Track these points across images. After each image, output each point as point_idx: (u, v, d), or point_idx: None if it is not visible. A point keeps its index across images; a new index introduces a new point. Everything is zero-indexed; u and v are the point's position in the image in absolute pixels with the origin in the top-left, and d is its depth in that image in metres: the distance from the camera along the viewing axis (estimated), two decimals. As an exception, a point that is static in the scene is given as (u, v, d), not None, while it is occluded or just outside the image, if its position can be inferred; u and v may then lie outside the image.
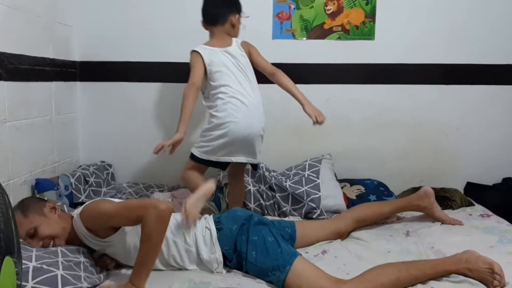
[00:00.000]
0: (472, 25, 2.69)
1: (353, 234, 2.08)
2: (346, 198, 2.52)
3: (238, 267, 1.76)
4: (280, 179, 2.52)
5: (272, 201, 2.44)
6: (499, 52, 2.71)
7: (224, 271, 1.74)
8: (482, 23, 2.69)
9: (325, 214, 2.39)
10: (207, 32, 2.71)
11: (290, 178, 2.55)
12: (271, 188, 2.47)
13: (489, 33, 2.69)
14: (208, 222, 1.82)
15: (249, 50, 2.29)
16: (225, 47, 2.22)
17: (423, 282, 1.62)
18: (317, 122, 2.14)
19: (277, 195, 2.44)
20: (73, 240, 1.72)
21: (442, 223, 2.19)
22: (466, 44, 2.70)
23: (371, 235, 2.04)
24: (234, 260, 1.74)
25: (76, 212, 1.73)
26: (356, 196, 2.55)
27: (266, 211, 2.44)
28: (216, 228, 1.79)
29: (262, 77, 2.73)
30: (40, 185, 2.19)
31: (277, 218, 2.33)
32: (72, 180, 2.36)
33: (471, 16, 2.68)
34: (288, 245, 1.76)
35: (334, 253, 1.89)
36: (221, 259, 1.73)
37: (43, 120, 2.35)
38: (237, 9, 2.29)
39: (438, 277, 1.63)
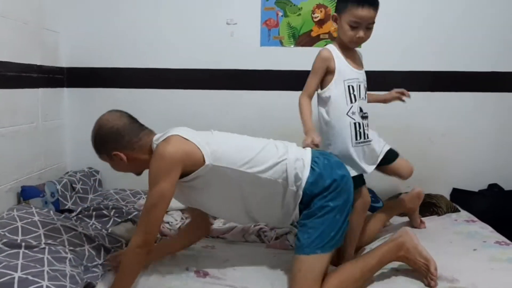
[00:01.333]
0: (458, 33, 2.72)
1: None
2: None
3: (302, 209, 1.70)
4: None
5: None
6: (484, 60, 2.74)
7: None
8: (468, 31, 2.72)
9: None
10: (192, 38, 2.73)
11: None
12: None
13: (474, 41, 2.73)
14: (304, 158, 1.70)
15: None
16: None
17: None
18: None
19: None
20: None
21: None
22: (452, 52, 2.74)
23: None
24: (305, 202, 1.68)
25: (156, 141, 1.67)
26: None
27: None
28: (311, 167, 1.69)
29: (250, 84, 2.78)
30: (26, 193, 2.18)
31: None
32: (59, 187, 2.35)
33: (457, 25, 2.72)
34: (343, 231, 1.70)
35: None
36: (300, 197, 1.67)
37: (29, 127, 2.34)
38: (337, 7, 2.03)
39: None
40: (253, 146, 1.71)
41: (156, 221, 1.57)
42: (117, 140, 1.67)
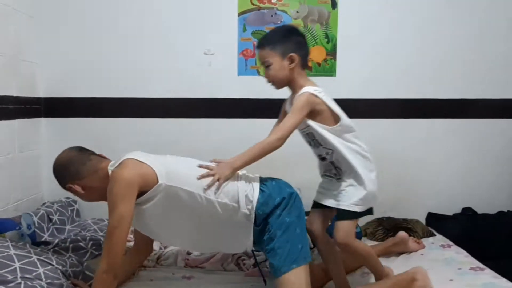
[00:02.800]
0: (426, 62, 2.82)
1: None
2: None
3: (259, 234, 1.75)
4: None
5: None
6: (453, 88, 2.84)
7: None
8: (435, 60, 2.82)
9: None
10: (170, 68, 2.77)
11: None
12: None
13: (443, 70, 2.83)
14: (253, 182, 1.79)
15: None
16: None
17: None
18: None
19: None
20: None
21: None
22: (421, 80, 2.83)
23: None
24: (261, 225, 1.74)
25: (111, 167, 1.72)
26: (321, 228, 2.59)
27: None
28: (260, 189, 1.76)
29: (227, 113, 2.81)
30: (2, 226, 2.13)
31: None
32: (35, 219, 2.32)
33: (426, 54, 2.82)
34: (307, 244, 1.76)
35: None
36: (253, 219, 1.72)
37: (5, 158, 2.32)
38: None
39: None
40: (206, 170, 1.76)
41: (118, 244, 1.60)
42: (67, 173, 1.78)
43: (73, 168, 1.77)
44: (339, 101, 2.79)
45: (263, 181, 1.83)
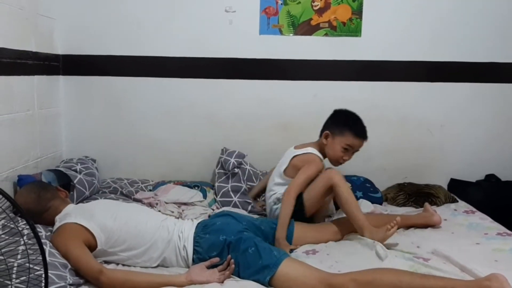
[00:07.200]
0: (456, 23, 2.72)
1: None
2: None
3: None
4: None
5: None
6: (482, 50, 2.74)
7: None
8: (466, 21, 2.72)
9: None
10: (189, 26, 2.68)
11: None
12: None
13: (472, 31, 2.72)
14: (186, 244, 1.77)
15: None
16: None
17: None
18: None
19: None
20: None
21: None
22: (450, 42, 2.73)
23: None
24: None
25: (57, 222, 1.77)
26: (343, 192, 2.56)
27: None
28: (194, 249, 1.76)
29: (248, 73, 2.75)
30: (23, 182, 2.14)
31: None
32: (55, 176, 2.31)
33: (455, 15, 2.71)
34: (271, 251, 1.68)
35: (327, 251, 1.87)
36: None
37: (25, 115, 2.29)
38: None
39: None
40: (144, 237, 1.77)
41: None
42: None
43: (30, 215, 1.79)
44: (363, 63, 2.75)
45: (198, 233, 1.80)
